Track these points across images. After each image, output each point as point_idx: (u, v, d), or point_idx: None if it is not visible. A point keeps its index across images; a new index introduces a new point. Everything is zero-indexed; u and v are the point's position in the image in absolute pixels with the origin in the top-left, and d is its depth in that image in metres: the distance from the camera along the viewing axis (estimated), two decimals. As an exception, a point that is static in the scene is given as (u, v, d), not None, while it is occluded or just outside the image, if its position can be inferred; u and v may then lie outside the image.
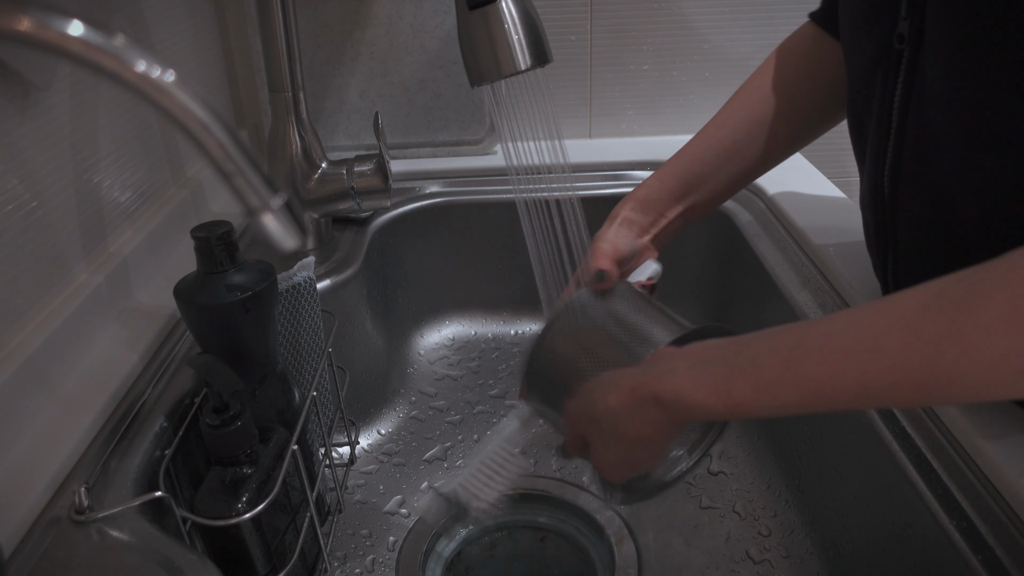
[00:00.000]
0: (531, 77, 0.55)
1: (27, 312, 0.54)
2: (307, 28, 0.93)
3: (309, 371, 0.72)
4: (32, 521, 0.45)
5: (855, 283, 0.65)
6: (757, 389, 0.38)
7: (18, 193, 0.54)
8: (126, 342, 0.61)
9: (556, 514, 0.75)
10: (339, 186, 0.81)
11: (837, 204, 0.82)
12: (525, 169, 0.56)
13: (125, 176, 0.70)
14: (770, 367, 0.38)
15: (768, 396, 0.38)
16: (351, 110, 0.98)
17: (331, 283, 0.79)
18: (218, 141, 0.37)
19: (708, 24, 1.00)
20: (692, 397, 0.40)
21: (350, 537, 0.72)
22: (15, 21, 0.34)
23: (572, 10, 0.99)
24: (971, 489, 0.46)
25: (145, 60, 0.35)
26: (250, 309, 0.55)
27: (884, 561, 0.54)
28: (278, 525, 0.58)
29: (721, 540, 0.70)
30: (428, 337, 1.00)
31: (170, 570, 0.43)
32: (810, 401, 0.37)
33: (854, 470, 0.59)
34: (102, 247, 0.65)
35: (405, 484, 0.79)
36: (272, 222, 0.40)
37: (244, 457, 0.54)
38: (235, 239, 0.55)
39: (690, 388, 0.40)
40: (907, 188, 0.51)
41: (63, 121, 0.60)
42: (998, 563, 0.42)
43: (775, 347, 0.39)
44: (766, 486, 0.75)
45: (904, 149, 0.50)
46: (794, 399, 0.37)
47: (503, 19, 0.53)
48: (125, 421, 0.54)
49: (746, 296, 0.86)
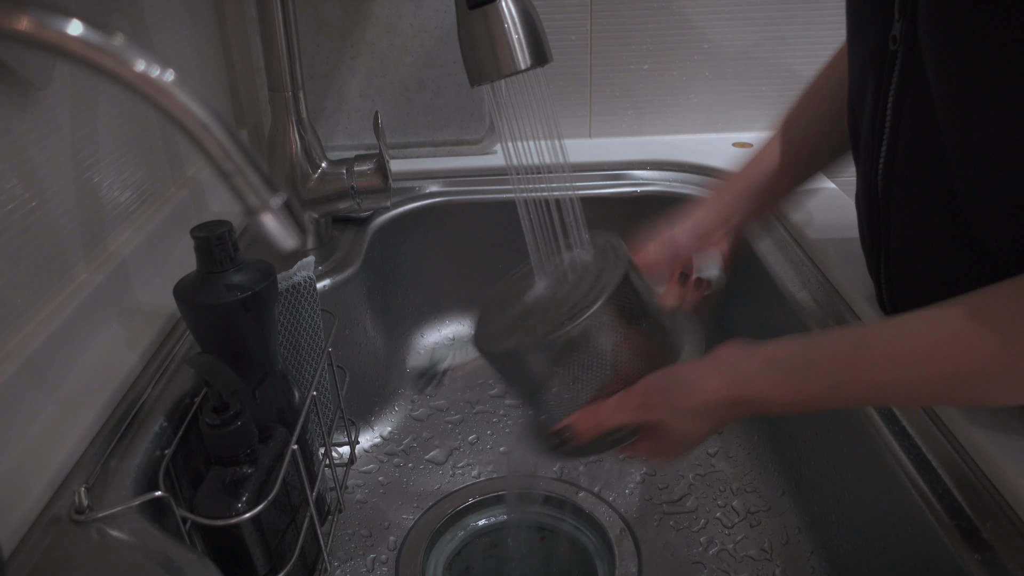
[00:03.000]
0: (531, 77, 0.55)
1: (27, 312, 0.54)
2: (307, 28, 0.93)
3: (309, 371, 0.72)
4: (32, 521, 0.45)
5: (855, 282, 0.65)
6: (826, 387, 0.44)
7: (18, 193, 0.54)
8: (126, 342, 0.61)
9: (556, 514, 0.75)
10: (339, 186, 0.81)
11: (837, 204, 0.82)
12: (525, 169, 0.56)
13: (125, 176, 0.69)
14: (841, 371, 0.44)
15: (836, 394, 0.44)
16: (351, 110, 0.98)
17: (331, 283, 0.79)
18: (217, 141, 0.37)
19: (708, 24, 1.00)
20: (771, 397, 0.45)
21: (350, 537, 0.72)
22: (15, 21, 0.34)
23: (572, 10, 0.99)
24: (971, 489, 0.46)
25: (144, 59, 0.35)
26: (250, 309, 0.55)
27: (884, 561, 0.54)
28: (278, 525, 0.58)
29: (721, 539, 0.70)
30: (428, 337, 1.00)
31: (170, 570, 0.43)
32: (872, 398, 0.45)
33: (854, 470, 0.59)
34: (102, 247, 0.65)
35: (405, 483, 0.79)
36: (272, 222, 0.40)
37: (244, 457, 0.54)
38: (235, 239, 0.55)
39: (769, 389, 0.45)
40: (900, 188, 0.51)
41: (63, 120, 0.60)
42: (998, 563, 0.42)
43: (839, 350, 0.44)
44: (766, 485, 0.75)
45: (898, 149, 0.50)
46: (859, 397, 0.44)
47: (503, 18, 0.53)
48: (125, 421, 0.54)
49: (746, 296, 0.86)
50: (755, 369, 0.46)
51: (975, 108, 0.42)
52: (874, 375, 0.42)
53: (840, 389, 0.44)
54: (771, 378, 0.45)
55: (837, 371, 0.44)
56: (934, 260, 0.50)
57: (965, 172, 0.45)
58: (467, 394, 0.92)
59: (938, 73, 0.44)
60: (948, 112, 0.44)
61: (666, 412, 0.49)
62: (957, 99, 0.43)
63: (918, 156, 0.48)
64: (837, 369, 0.44)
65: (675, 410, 0.49)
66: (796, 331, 0.68)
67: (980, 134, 0.43)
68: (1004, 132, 0.41)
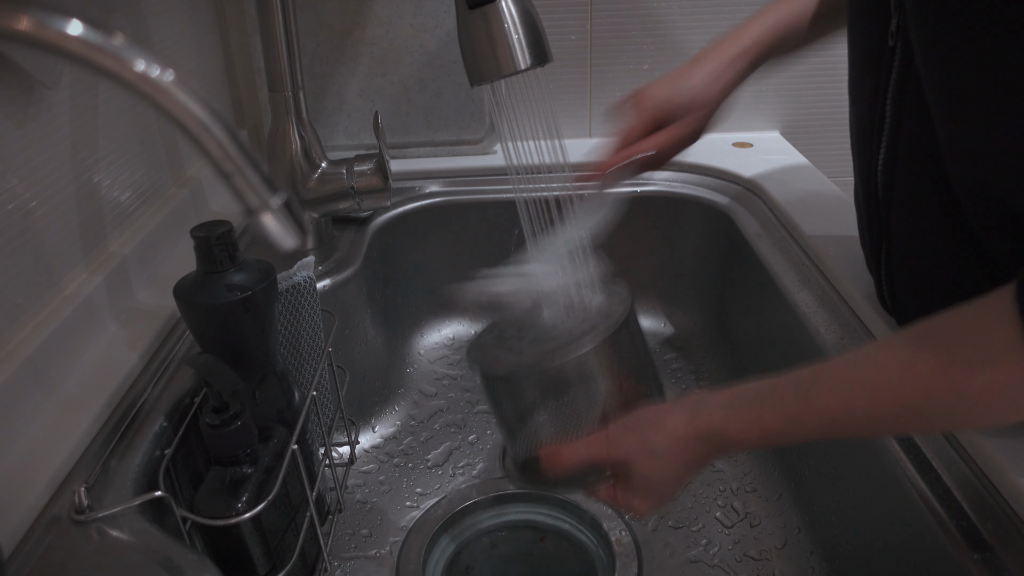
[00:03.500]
0: (531, 76, 0.55)
1: (27, 312, 0.54)
2: (307, 27, 0.93)
3: (309, 371, 0.72)
4: (32, 521, 0.45)
5: (855, 282, 0.65)
6: (783, 420, 0.44)
7: (18, 193, 0.54)
8: (126, 342, 0.61)
9: (556, 514, 0.75)
10: (339, 186, 0.81)
11: (837, 203, 0.82)
12: (525, 169, 0.56)
13: (125, 176, 0.69)
14: (793, 402, 0.44)
15: (793, 426, 0.44)
16: (351, 110, 0.98)
17: (331, 283, 0.79)
18: (217, 140, 0.37)
19: (708, 23, 1.00)
20: (731, 430, 0.46)
21: (350, 537, 0.72)
22: (15, 20, 0.34)
23: (572, 10, 0.99)
24: (971, 489, 0.46)
25: (144, 59, 0.35)
26: (250, 309, 0.55)
27: (884, 561, 0.54)
28: (278, 525, 0.58)
29: (721, 539, 0.70)
30: (428, 337, 1.00)
31: (170, 570, 0.43)
32: (828, 429, 0.43)
33: (854, 470, 0.59)
34: (102, 247, 0.65)
35: (405, 483, 0.79)
36: (271, 221, 0.40)
37: (244, 457, 0.54)
38: (235, 239, 0.55)
39: (730, 422, 0.46)
40: (901, 184, 0.51)
41: (63, 120, 0.60)
42: (998, 563, 0.42)
43: (797, 384, 0.44)
44: (766, 485, 0.75)
45: (899, 146, 0.50)
46: (815, 428, 0.43)
47: (503, 18, 0.53)
48: (125, 421, 0.54)
49: (746, 296, 0.86)
50: (717, 404, 0.47)
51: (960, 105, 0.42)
52: (826, 406, 0.43)
53: (796, 422, 0.44)
54: (731, 412, 0.46)
55: (792, 404, 0.44)
56: (934, 256, 0.50)
57: (955, 169, 0.45)
58: (467, 394, 0.92)
59: (925, 68, 0.44)
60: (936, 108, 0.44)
61: (635, 450, 0.50)
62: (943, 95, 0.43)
63: (919, 152, 0.48)
64: (792, 402, 0.44)
65: (643, 448, 0.49)
66: (796, 331, 0.68)
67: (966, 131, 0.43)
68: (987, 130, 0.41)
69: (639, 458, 0.49)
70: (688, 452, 0.48)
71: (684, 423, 0.48)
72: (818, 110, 1.06)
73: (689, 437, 0.48)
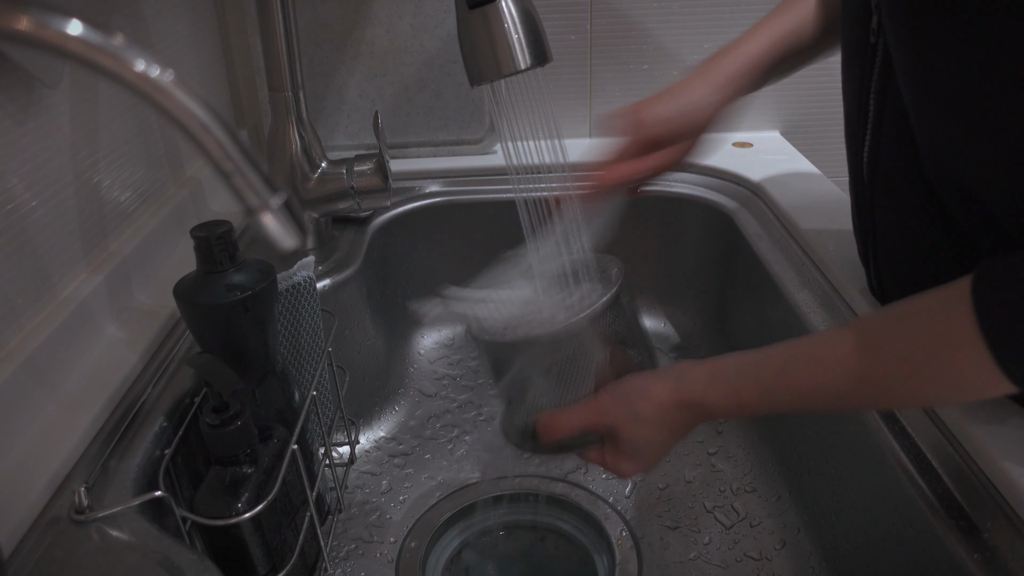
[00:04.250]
0: (531, 76, 0.55)
1: (27, 312, 0.54)
2: (307, 27, 0.93)
3: (309, 371, 0.72)
4: (32, 521, 0.45)
5: (854, 281, 0.65)
6: (759, 393, 0.47)
7: (18, 192, 0.54)
8: (126, 342, 0.61)
9: (556, 514, 0.75)
10: (339, 186, 0.81)
11: (837, 204, 0.82)
12: (525, 168, 0.56)
13: (125, 176, 0.69)
14: (768, 376, 0.47)
15: (767, 399, 0.47)
16: (351, 110, 0.98)
17: (331, 283, 0.79)
18: (217, 140, 0.37)
19: (708, 24, 1.00)
20: (711, 400, 0.49)
21: (350, 537, 0.72)
22: (15, 20, 0.34)
23: (572, 10, 0.99)
24: (971, 489, 0.46)
25: (144, 59, 0.35)
26: (250, 309, 0.55)
27: (884, 561, 0.54)
28: (278, 525, 0.58)
29: (721, 539, 0.70)
30: (428, 337, 1.00)
31: (170, 570, 0.43)
32: (800, 403, 0.47)
33: (854, 470, 0.59)
34: (102, 246, 0.65)
35: (405, 483, 0.79)
36: (271, 221, 0.40)
37: (244, 457, 0.54)
38: (235, 239, 0.55)
39: (710, 392, 0.49)
40: (884, 175, 0.52)
41: (63, 120, 0.60)
42: (998, 563, 0.42)
43: (773, 360, 0.47)
44: (766, 485, 0.75)
45: (882, 137, 0.51)
46: (787, 401, 0.47)
47: (503, 18, 0.53)
48: (125, 421, 0.54)
49: (746, 296, 0.86)
50: (699, 375, 0.50)
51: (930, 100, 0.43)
52: (799, 382, 0.46)
53: (770, 395, 0.47)
54: (713, 384, 0.49)
55: (768, 378, 0.47)
56: (918, 245, 0.52)
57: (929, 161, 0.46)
58: (467, 394, 0.92)
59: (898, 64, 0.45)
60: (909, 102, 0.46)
61: (621, 417, 0.52)
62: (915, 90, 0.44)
63: (900, 145, 0.49)
64: (768, 376, 0.47)
65: (629, 415, 0.52)
66: (796, 331, 0.68)
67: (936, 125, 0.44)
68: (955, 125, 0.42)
69: (626, 424, 0.52)
70: (671, 419, 0.51)
71: (668, 392, 0.51)
72: (818, 110, 1.06)
73: (672, 405, 0.50)
